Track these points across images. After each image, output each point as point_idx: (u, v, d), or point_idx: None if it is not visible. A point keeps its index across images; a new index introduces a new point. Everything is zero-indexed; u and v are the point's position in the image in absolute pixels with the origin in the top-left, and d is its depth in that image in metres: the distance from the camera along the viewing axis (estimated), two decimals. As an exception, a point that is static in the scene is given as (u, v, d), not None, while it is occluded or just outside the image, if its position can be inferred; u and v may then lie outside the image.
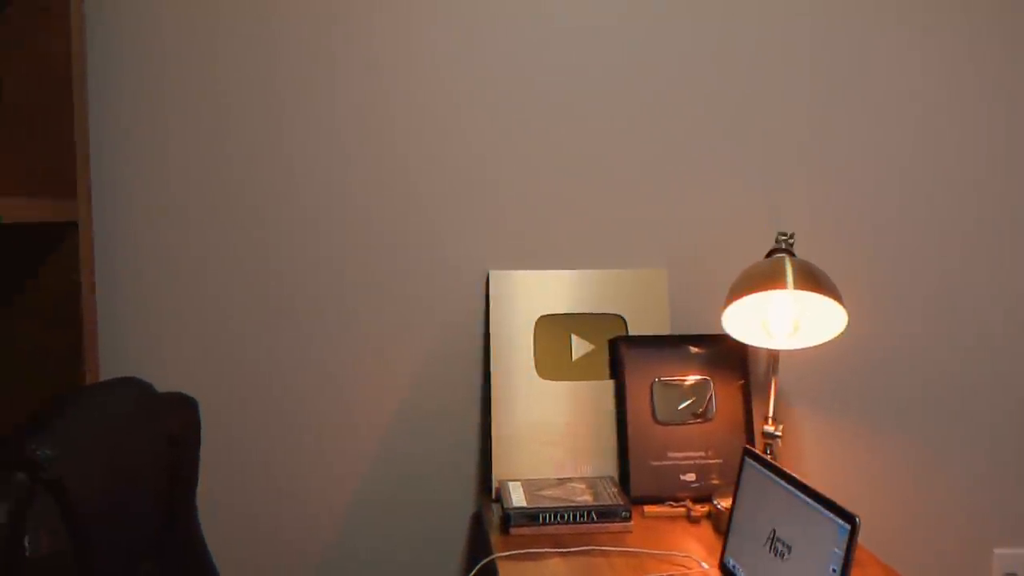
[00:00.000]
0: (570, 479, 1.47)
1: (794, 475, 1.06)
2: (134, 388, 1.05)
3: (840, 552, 0.95)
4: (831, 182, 1.60)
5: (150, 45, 1.46)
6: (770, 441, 1.37)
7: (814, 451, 1.63)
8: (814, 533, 1.00)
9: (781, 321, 1.36)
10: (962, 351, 1.66)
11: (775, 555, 1.06)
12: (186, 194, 1.48)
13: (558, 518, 1.33)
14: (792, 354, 1.62)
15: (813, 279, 1.31)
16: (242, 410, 1.53)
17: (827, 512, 0.98)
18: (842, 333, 1.36)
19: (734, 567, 1.16)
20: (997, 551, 1.70)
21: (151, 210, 1.48)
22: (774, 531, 1.08)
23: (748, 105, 1.57)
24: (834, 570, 0.95)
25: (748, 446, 1.18)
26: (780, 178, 1.60)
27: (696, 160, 1.58)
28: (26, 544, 0.75)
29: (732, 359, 1.54)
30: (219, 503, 1.53)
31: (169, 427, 1.08)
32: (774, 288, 1.30)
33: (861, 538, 1.64)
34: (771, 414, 1.39)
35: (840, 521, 0.96)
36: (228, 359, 1.52)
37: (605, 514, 1.34)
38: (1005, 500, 1.70)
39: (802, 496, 1.03)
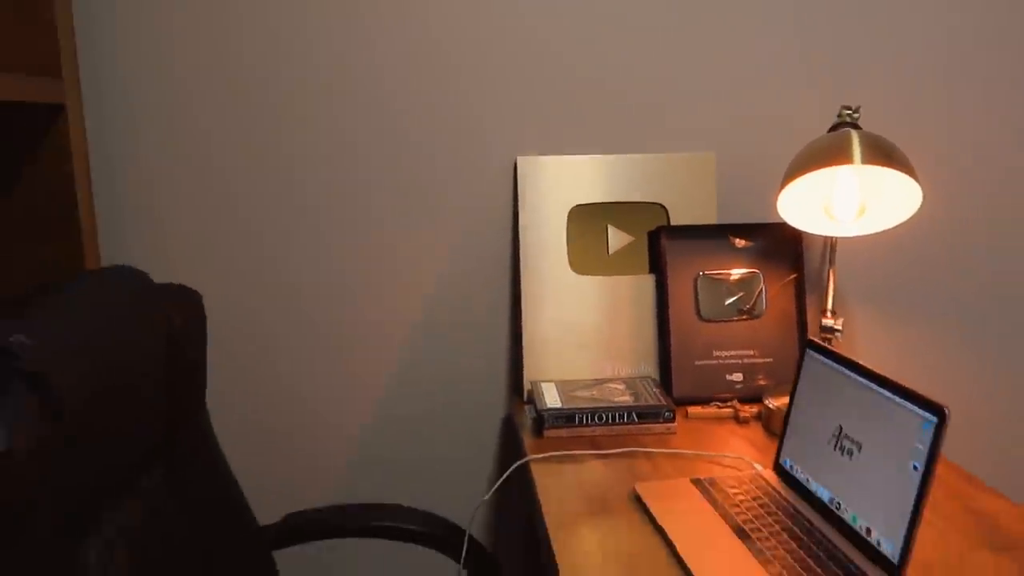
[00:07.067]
0: (607, 380, 1.37)
1: (868, 367, 0.94)
2: (127, 277, 0.94)
3: (924, 448, 0.83)
4: (901, 52, 1.43)
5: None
6: (829, 336, 1.25)
7: (875, 353, 1.51)
8: (891, 428, 0.88)
9: (846, 203, 1.22)
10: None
11: (842, 453, 0.96)
12: (189, 78, 1.35)
13: (596, 419, 1.23)
14: (851, 247, 1.49)
15: (883, 152, 1.16)
16: (252, 310, 1.43)
17: (910, 405, 0.87)
18: (915, 215, 1.22)
19: (792, 467, 1.06)
20: (1064, 455, 1.59)
21: (149, 96, 1.35)
22: (840, 428, 0.97)
23: (807, -37, 1.39)
24: (916, 467, 0.84)
25: (812, 338, 1.06)
26: (844, 48, 1.42)
27: (747, 29, 1.41)
28: (1, 436, 0.65)
29: (785, 251, 1.40)
30: (229, 410, 1.45)
31: (169, 320, 0.98)
32: (838, 163, 1.16)
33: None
34: (830, 307, 1.27)
35: (925, 414, 0.85)
36: (237, 254, 1.41)
37: (646, 415, 1.24)
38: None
39: (879, 389, 0.92)
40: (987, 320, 1.52)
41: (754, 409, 1.31)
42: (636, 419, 1.24)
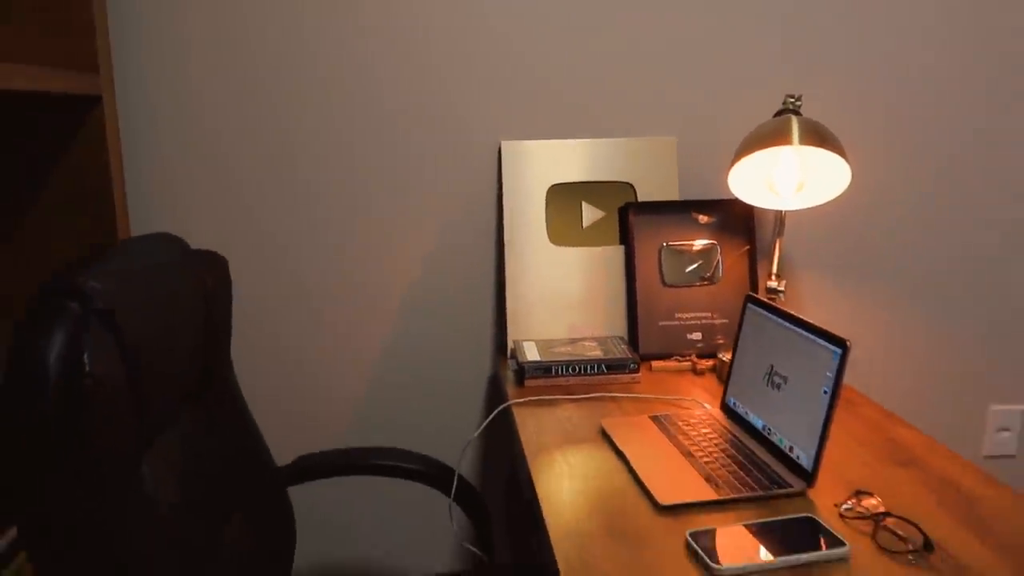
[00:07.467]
0: (582, 339, 1.54)
1: (791, 312, 1.12)
2: (170, 242, 1.12)
3: (832, 375, 1.01)
4: (844, 47, 1.61)
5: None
6: (773, 296, 1.42)
7: (817, 312, 1.69)
8: (809, 362, 1.06)
9: (786, 180, 1.40)
10: (966, 214, 1.69)
11: (772, 388, 1.14)
12: (206, 72, 1.52)
13: (570, 370, 1.41)
14: (800, 222, 1.67)
15: (818, 135, 1.33)
16: (263, 286, 1.60)
17: (821, 340, 1.05)
18: (847, 191, 1.39)
19: (734, 404, 1.23)
20: (993, 407, 1.78)
21: (168, 93, 1.52)
22: (772, 366, 1.15)
23: (758, -32, 1.57)
24: (825, 391, 1.02)
25: (751, 293, 1.24)
26: (790, 45, 1.60)
27: (706, 27, 1.58)
28: (85, 361, 0.82)
29: (739, 225, 1.58)
30: (249, 370, 1.63)
31: (204, 280, 1.15)
32: (779, 144, 1.33)
33: (859, 384, 1.73)
34: (775, 271, 1.44)
35: (832, 347, 1.02)
36: (249, 233, 1.58)
37: (614, 366, 1.41)
38: (1004, 359, 1.76)
39: (798, 329, 1.10)
40: (907, 279, 1.70)
41: (710, 363, 1.49)
42: (605, 370, 1.41)
